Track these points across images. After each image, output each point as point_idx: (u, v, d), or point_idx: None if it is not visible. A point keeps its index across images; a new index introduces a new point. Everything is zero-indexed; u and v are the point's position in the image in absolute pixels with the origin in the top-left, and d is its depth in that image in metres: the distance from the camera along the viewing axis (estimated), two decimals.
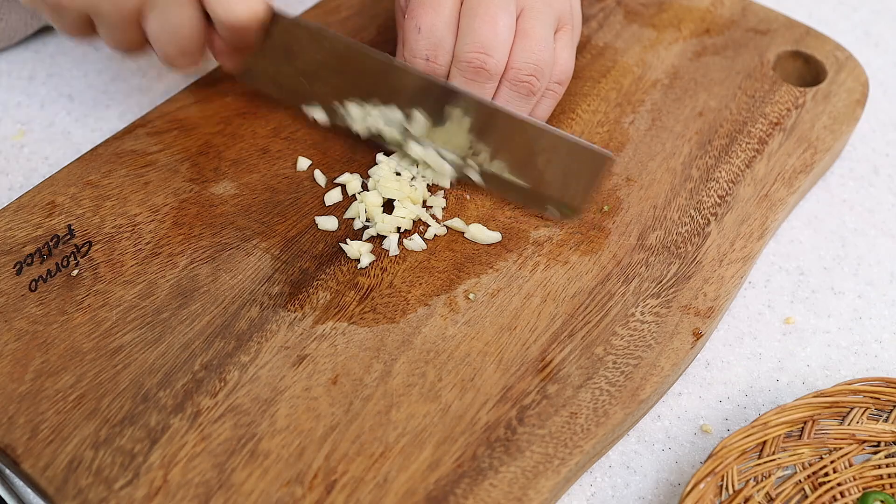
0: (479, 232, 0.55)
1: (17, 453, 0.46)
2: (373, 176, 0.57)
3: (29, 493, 0.48)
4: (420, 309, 0.52)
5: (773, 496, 0.47)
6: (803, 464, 0.49)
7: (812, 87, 0.64)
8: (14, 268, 0.52)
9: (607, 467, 0.50)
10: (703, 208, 0.57)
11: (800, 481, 0.48)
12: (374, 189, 0.56)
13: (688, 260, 0.55)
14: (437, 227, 0.55)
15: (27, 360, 0.48)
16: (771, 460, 0.48)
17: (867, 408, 0.50)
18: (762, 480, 0.48)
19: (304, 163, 0.58)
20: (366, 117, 0.57)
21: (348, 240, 0.54)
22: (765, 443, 0.48)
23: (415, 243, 0.54)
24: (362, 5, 0.68)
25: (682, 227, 0.56)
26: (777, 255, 0.60)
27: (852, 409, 0.50)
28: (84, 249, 0.53)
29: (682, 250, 0.55)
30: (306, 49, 0.56)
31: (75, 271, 0.52)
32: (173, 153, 0.58)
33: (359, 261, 0.54)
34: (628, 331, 0.51)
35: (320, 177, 0.57)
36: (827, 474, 0.48)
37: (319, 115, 0.59)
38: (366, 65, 0.56)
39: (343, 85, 0.57)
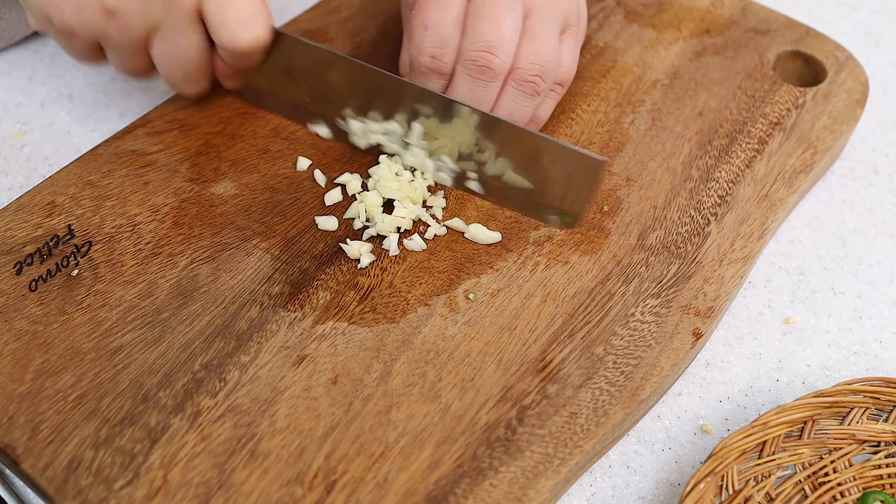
0: (479, 232, 0.55)
1: (17, 453, 0.46)
2: (373, 176, 0.57)
3: (29, 493, 0.48)
4: (420, 309, 0.52)
5: (773, 496, 0.47)
6: (803, 464, 0.49)
7: (812, 87, 0.64)
8: (14, 268, 0.52)
9: (607, 467, 0.50)
10: (703, 208, 0.57)
11: (800, 481, 0.48)
12: (374, 189, 0.56)
13: (688, 260, 0.55)
14: (437, 227, 0.55)
15: (27, 360, 0.48)
16: (771, 460, 0.48)
17: (867, 408, 0.50)
18: (762, 480, 0.48)
19: (304, 163, 0.58)
20: (367, 132, 0.57)
21: (348, 240, 0.55)
22: (765, 443, 0.48)
23: (415, 243, 0.54)
24: (362, 5, 0.68)
25: (682, 227, 0.56)
26: (777, 255, 0.60)
27: (852, 409, 0.50)
28: (84, 249, 0.53)
29: (682, 250, 0.55)
30: (306, 66, 0.57)
31: (75, 271, 0.52)
32: (173, 153, 0.58)
33: (359, 261, 0.54)
34: (628, 331, 0.51)
35: (320, 177, 0.57)
36: (827, 474, 0.48)
37: (322, 130, 0.59)
38: (365, 79, 0.56)
39: (343, 100, 0.57)
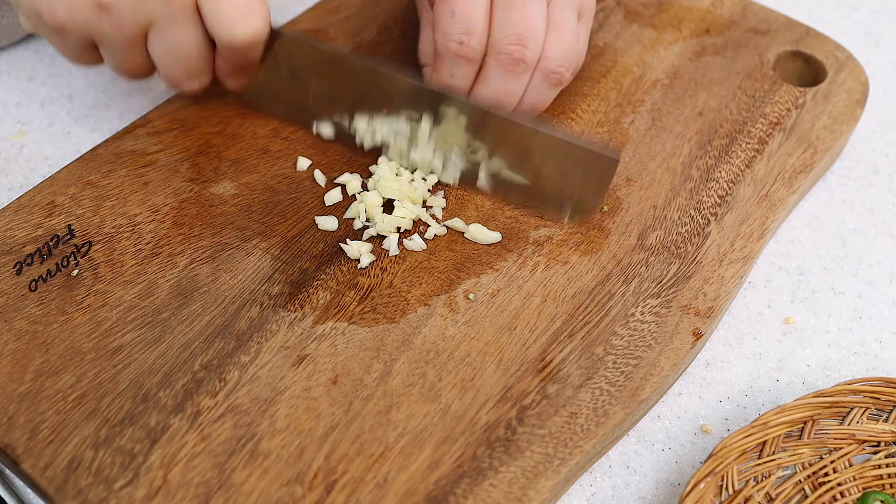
0: (479, 232, 0.55)
1: (17, 453, 0.45)
2: (373, 176, 0.57)
3: (29, 493, 0.48)
4: (420, 309, 0.52)
5: (773, 496, 0.47)
6: (803, 464, 0.49)
7: (812, 87, 0.64)
8: (14, 268, 0.52)
9: (607, 467, 0.50)
10: (703, 208, 0.57)
11: (800, 481, 0.48)
12: (374, 189, 0.56)
13: (688, 260, 0.55)
14: (437, 227, 0.55)
15: (27, 360, 0.48)
16: (771, 460, 0.48)
17: (867, 408, 0.50)
18: (762, 480, 0.48)
19: (304, 163, 0.58)
20: (372, 131, 0.57)
21: (348, 240, 0.54)
22: (765, 443, 0.48)
23: (415, 243, 0.54)
24: (362, 5, 0.68)
25: (682, 227, 0.56)
26: (777, 255, 0.60)
27: (852, 409, 0.50)
28: (84, 249, 0.53)
29: (682, 250, 0.55)
30: (310, 66, 0.57)
31: (75, 271, 0.52)
32: (173, 153, 0.58)
33: (359, 261, 0.54)
34: (628, 331, 0.51)
35: (320, 177, 0.57)
36: (827, 474, 0.48)
37: (325, 130, 0.59)
38: (371, 78, 0.56)
39: (346, 98, 0.57)
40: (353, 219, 0.56)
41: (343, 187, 0.57)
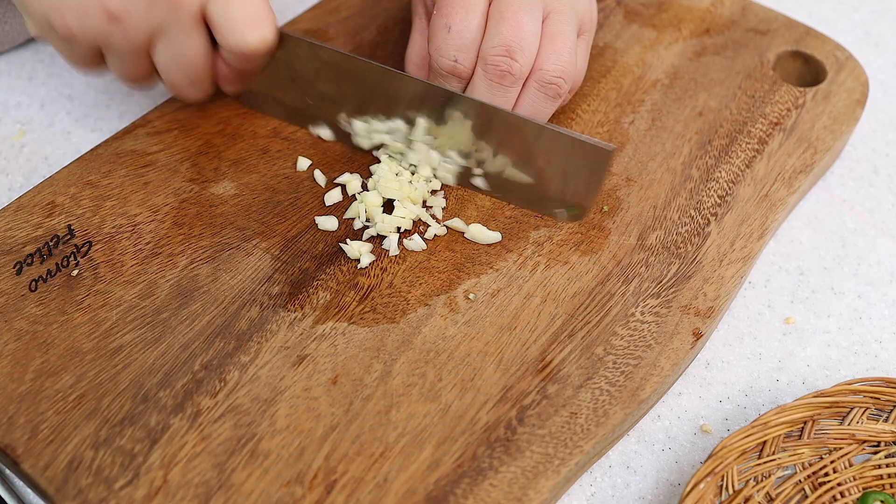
0: (479, 232, 0.55)
1: (17, 453, 0.46)
2: (373, 176, 0.57)
3: (29, 493, 0.48)
4: (420, 309, 0.52)
5: (773, 496, 0.47)
6: (803, 464, 0.49)
7: (812, 87, 0.64)
8: (14, 268, 0.52)
9: (607, 467, 0.50)
10: (703, 208, 0.57)
11: (800, 481, 0.48)
12: (374, 189, 0.56)
13: (688, 260, 0.55)
14: (437, 227, 0.55)
15: (27, 360, 0.48)
16: (771, 460, 0.48)
17: (867, 408, 0.50)
18: (762, 480, 0.48)
19: (304, 163, 0.58)
20: (370, 132, 0.57)
21: (348, 240, 0.55)
22: (765, 443, 0.48)
23: (415, 243, 0.54)
24: (362, 5, 0.68)
25: (682, 227, 0.56)
26: (777, 255, 0.60)
27: (852, 409, 0.50)
28: (84, 249, 0.53)
29: (682, 250, 0.55)
30: (309, 67, 0.57)
31: (75, 271, 0.52)
32: (173, 153, 0.58)
33: (359, 261, 0.54)
34: (628, 331, 0.51)
35: (320, 177, 0.57)
36: (827, 474, 0.48)
37: (325, 133, 0.59)
38: (368, 76, 0.56)
39: (346, 100, 0.57)
40: (353, 219, 0.56)
41: (343, 187, 0.57)
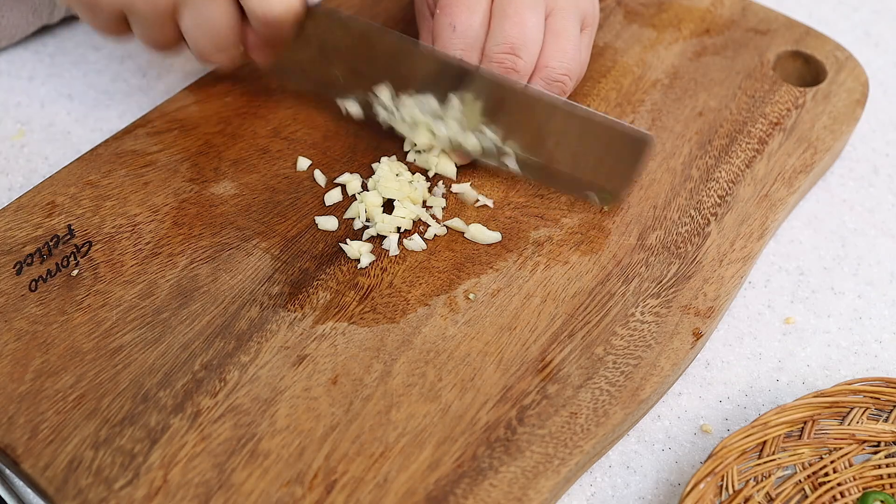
0: (479, 232, 0.55)
1: (17, 453, 0.46)
2: (373, 176, 0.57)
3: (29, 493, 0.48)
4: (420, 309, 0.52)
5: (773, 496, 0.47)
6: (803, 464, 0.49)
7: (812, 87, 0.64)
8: (14, 268, 0.52)
9: (607, 467, 0.50)
10: (703, 208, 0.57)
11: (800, 481, 0.48)
12: (374, 189, 0.56)
13: (688, 260, 0.55)
14: (437, 227, 0.55)
15: (27, 360, 0.48)
16: (771, 460, 0.48)
17: (867, 408, 0.50)
18: (762, 480, 0.48)
19: (304, 163, 0.58)
20: (400, 107, 0.57)
21: (348, 240, 0.55)
22: (765, 443, 0.48)
23: (415, 243, 0.54)
24: (362, 5, 0.68)
25: (682, 227, 0.56)
26: (777, 255, 0.60)
27: (852, 409, 0.50)
28: (84, 249, 0.53)
29: (682, 250, 0.55)
30: (340, 40, 0.56)
31: (75, 271, 0.52)
32: (173, 153, 0.58)
33: (359, 261, 0.54)
34: (628, 331, 0.51)
35: (320, 177, 0.57)
36: (827, 474, 0.48)
37: (353, 108, 0.59)
38: (400, 52, 0.55)
39: (377, 75, 0.57)
40: (353, 219, 0.56)
41: (343, 187, 0.57)
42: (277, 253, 0.54)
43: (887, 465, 0.49)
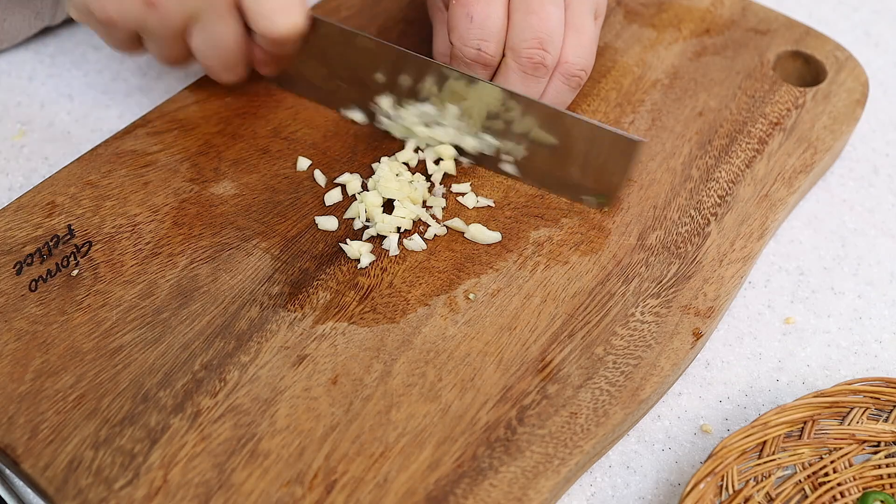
0: (479, 232, 0.55)
1: (17, 453, 0.46)
2: (373, 176, 0.57)
3: (29, 493, 0.48)
4: (420, 309, 0.52)
5: (773, 496, 0.47)
6: (803, 464, 0.49)
7: (812, 87, 0.64)
8: (14, 268, 0.52)
9: (607, 467, 0.50)
10: (703, 208, 0.57)
11: (800, 481, 0.48)
12: (374, 189, 0.56)
13: (688, 260, 0.55)
14: (437, 227, 0.55)
15: (27, 360, 0.48)
16: (771, 460, 0.48)
17: (867, 408, 0.50)
18: (762, 480, 0.48)
19: (304, 163, 0.58)
20: (401, 116, 0.58)
21: (348, 240, 0.55)
22: (765, 443, 0.48)
23: (415, 243, 0.54)
24: (362, 5, 0.68)
25: (682, 227, 0.56)
26: (777, 255, 0.60)
27: (852, 409, 0.50)
28: (84, 249, 0.53)
29: (682, 250, 0.55)
30: (342, 52, 0.58)
31: (75, 271, 0.52)
32: (173, 153, 0.58)
33: (359, 261, 0.54)
34: (628, 331, 0.51)
35: (320, 177, 0.57)
36: (827, 474, 0.48)
37: (358, 117, 0.60)
38: (402, 64, 0.57)
39: (377, 84, 0.58)
40: (353, 219, 0.56)
41: (343, 187, 0.57)
42: (277, 253, 0.54)
43: (887, 465, 0.49)
